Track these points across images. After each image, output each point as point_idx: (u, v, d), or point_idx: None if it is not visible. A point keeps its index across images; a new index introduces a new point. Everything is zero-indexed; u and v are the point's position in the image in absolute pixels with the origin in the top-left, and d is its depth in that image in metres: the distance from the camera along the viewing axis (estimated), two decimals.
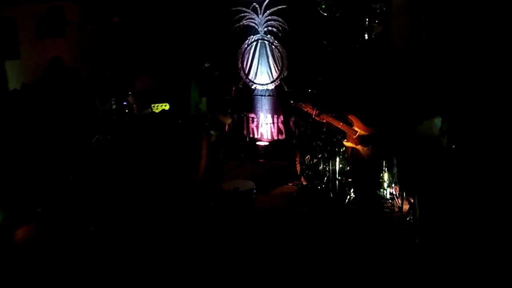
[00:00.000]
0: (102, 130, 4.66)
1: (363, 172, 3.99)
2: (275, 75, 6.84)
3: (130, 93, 5.43)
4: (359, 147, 3.96)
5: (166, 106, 4.86)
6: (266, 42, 6.79)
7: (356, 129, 3.99)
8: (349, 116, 4.04)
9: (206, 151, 4.81)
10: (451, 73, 4.69)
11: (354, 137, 3.98)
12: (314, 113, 4.19)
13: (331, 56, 6.05)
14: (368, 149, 3.92)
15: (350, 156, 4.09)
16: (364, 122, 3.95)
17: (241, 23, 6.88)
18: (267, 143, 6.96)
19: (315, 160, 5.39)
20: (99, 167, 4.85)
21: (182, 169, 6.40)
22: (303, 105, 4.33)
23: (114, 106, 4.73)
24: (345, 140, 4.12)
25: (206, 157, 4.82)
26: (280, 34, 6.67)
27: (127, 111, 4.91)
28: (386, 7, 5.69)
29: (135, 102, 5.25)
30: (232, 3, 6.83)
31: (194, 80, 4.82)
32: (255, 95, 6.97)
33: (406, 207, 4.53)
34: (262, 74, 6.92)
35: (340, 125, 4.07)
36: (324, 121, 4.19)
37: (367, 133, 3.92)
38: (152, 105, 4.84)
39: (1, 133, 4.85)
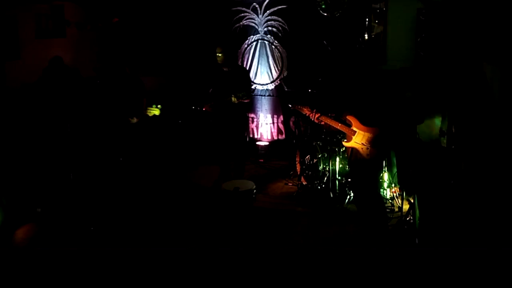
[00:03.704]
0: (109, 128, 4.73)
1: (363, 172, 3.99)
2: (275, 75, 6.84)
3: None
4: (359, 146, 3.96)
5: (157, 112, 4.71)
6: (266, 42, 6.79)
7: (354, 129, 3.99)
8: (347, 117, 4.04)
9: None
10: (451, 73, 4.69)
11: (354, 136, 3.98)
12: (313, 116, 4.20)
13: (331, 56, 6.06)
14: (368, 148, 3.92)
15: (350, 157, 4.09)
16: (362, 122, 3.96)
17: (241, 23, 6.88)
18: (267, 143, 6.96)
19: (315, 160, 5.39)
20: (99, 167, 4.86)
21: (182, 169, 6.41)
22: (302, 108, 4.34)
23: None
24: (345, 140, 4.13)
25: None
26: (280, 34, 6.67)
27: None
28: (386, 7, 5.70)
29: None
30: (232, 3, 6.83)
31: None
32: (255, 95, 6.97)
33: (406, 207, 4.53)
34: (262, 74, 6.92)
35: (338, 126, 4.07)
36: (323, 123, 4.21)
37: (370, 133, 3.92)
38: (147, 107, 4.80)
39: (1, 133, 4.85)
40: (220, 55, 4.93)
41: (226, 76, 5.01)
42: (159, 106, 4.73)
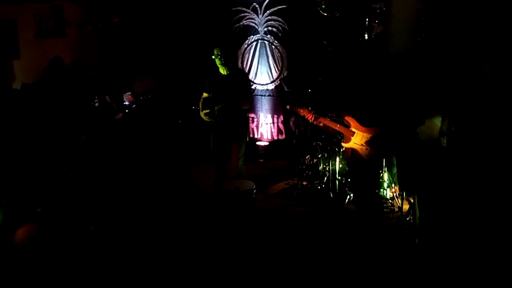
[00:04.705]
0: (88, 129, 4.69)
1: (363, 173, 3.99)
2: (275, 75, 6.84)
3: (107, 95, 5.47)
4: (358, 147, 3.96)
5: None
6: (266, 42, 6.79)
7: (353, 130, 3.99)
8: (346, 118, 4.04)
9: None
10: (451, 73, 4.68)
11: (353, 137, 3.98)
12: (311, 117, 4.20)
13: (331, 56, 6.05)
14: (367, 149, 3.91)
15: (350, 157, 4.08)
16: (361, 122, 3.96)
17: (241, 23, 6.88)
18: (267, 143, 6.96)
19: (315, 160, 5.39)
20: (99, 167, 4.86)
21: (182, 169, 6.41)
22: (299, 109, 4.34)
23: (97, 104, 4.77)
24: (343, 141, 4.12)
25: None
26: (280, 34, 6.67)
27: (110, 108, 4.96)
28: (386, 7, 5.69)
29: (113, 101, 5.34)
30: (232, 3, 6.83)
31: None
32: (255, 95, 6.97)
33: (406, 207, 4.53)
34: (262, 74, 6.92)
35: (337, 127, 4.07)
36: (321, 124, 4.20)
37: (369, 134, 3.92)
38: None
39: (1, 133, 4.85)
40: (218, 57, 4.66)
41: (224, 81, 4.79)
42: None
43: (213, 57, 4.69)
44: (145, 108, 6.26)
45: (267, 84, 6.92)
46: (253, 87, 6.99)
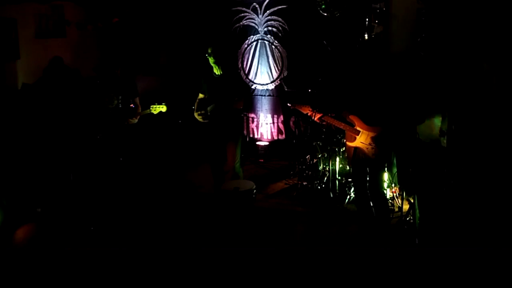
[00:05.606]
0: (106, 129, 4.67)
1: (369, 172, 3.99)
2: (275, 75, 6.84)
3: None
4: (364, 146, 3.95)
5: (163, 108, 4.80)
6: (266, 42, 6.79)
7: (358, 129, 3.99)
8: (350, 117, 4.03)
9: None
10: (451, 73, 4.69)
11: (358, 136, 3.98)
12: (314, 115, 4.19)
13: (331, 56, 6.05)
14: (373, 148, 3.91)
15: (353, 157, 4.08)
16: (366, 121, 3.96)
17: (241, 23, 6.88)
18: (267, 143, 6.96)
19: (315, 160, 5.39)
20: (99, 167, 4.86)
21: (182, 169, 6.41)
22: (302, 107, 4.32)
23: (120, 106, 4.75)
24: (348, 140, 4.11)
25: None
26: (280, 34, 6.67)
27: (131, 110, 4.91)
28: (386, 7, 5.69)
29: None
30: (232, 3, 6.83)
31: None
32: (255, 95, 6.97)
33: (406, 207, 4.53)
34: (262, 74, 6.92)
35: (342, 126, 4.06)
36: (325, 123, 4.19)
37: (374, 133, 3.92)
38: (151, 106, 4.82)
39: (1, 133, 4.85)
40: (210, 56, 4.55)
41: (218, 81, 4.69)
42: (163, 103, 4.74)
43: (206, 55, 4.62)
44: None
45: (267, 84, 6.92)
46: (253, 87, 6.99)
